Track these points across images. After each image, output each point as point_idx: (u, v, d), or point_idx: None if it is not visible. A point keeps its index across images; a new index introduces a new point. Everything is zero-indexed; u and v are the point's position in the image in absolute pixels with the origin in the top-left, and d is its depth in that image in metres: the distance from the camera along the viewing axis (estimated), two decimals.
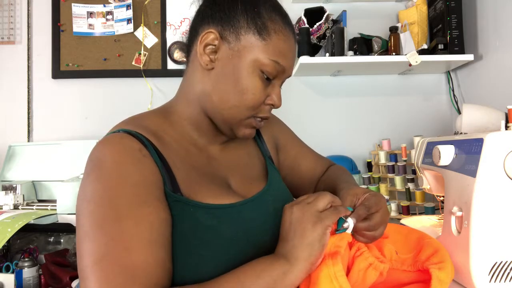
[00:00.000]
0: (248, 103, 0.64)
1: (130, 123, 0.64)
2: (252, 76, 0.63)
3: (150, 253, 0.52)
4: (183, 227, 0.57)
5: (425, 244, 0.64)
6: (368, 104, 1.76)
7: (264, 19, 0.63)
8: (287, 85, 1.79)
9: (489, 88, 1.45)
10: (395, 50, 1.54)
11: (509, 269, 0.71)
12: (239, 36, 0.63)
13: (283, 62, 0.64)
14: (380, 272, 0.58)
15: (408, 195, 1.45)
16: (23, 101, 1.76)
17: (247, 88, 0.63)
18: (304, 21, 1.59)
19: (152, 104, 1.72)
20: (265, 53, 0.63)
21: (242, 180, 0.71)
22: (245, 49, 0.63)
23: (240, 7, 0.64)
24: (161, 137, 0.65)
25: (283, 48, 0.64)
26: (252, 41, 0.63)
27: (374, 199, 0.61)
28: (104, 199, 0.53)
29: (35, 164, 1.57)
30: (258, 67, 0.63)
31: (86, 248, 0.51)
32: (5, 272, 1.32)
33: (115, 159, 0.56)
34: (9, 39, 1.77)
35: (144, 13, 1.75)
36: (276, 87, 0.67)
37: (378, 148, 1.66)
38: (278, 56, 0.63)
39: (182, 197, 0.59)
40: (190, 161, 0.66)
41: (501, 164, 0.71)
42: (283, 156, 0.86)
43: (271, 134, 0.85)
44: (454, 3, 1.47)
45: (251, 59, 0.63)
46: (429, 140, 0.99)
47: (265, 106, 0.67)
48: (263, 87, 0.64)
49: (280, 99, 0.67)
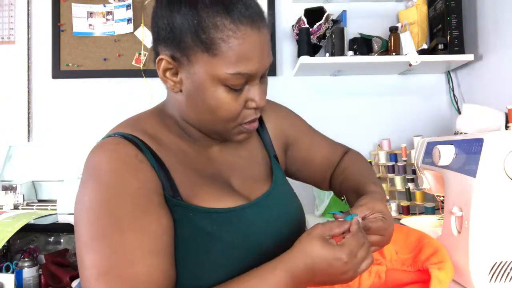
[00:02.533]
0: (224, 118, 0.60)
1: (127, 126, 0.63)
2: (218, 93, 0.58)
3: (154, 264, 0.52)
4: (183, 232, 0.57)
5: (425, 244, 0.64)
6: (368, 104, 1.76)
7: (208, 30, 0.55)
8: (287, 85, 1.81)
9: (489, 88, 1.45)
10: (395, 50, 1.54)
11: (509, 269, 0.71)
12: (189, 57, 0.58)
13: (246, 69, 0.57)
14: (378, 275, 0.58)
15: (408, 195, 1.45)
16: (23, 101, 1.76)
17: (217, 105, 0.59)
18: (304, 21, 1.59)
19: (152, 104, 1.71)
20: (221, 69, 0.56)
21: (244, 181, 0.69)
22: (200, 69, 0.57)
23: (180, 23, 0.57)
24: (159, 139, 0.63)
25: (241, 53, 0.56)
26: (203, 60, 0.57)
27: (382, 224, 0.58)
28: (103, 209, 0.53)
29: (35, 164, 1.57)
30: (220, 83, 0.58)
31: (88, 259, 0.51)
32: (5, 272, 1.32)
33: (111, 167, 0.55)
34: (9, 39, 1.77)
35: (144, 13, 1.75)
36: (252, 89, 0.61)
37: (378, 148, 1.66)
38: (237, 66, 0.56)
39: (182, 202, 0.58)
40: (189, 163, 0.64)
41: (501, 164, 0.71)
42: (296, 149, 0.82)
43: (280, 130, 0.81)
44: (454, 3, 1.47)
45: (209, 78, 0.57)
46: (429, 140, 0.99)
47: (248, 111, 0.62)
48: (234, 97, 0.59)
49: (262, 97, 0.61)
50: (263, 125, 0.80)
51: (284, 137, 0.81)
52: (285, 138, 0.81)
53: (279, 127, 0.81)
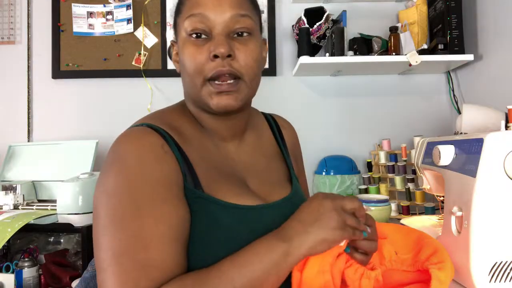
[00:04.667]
0: (191, 73, 0.63)
1: (154, 118, 0.65)
2: (185, 47, 0.64)
3: (168, 251, 0.53)
4: (202, 225, 0.58)
5: (425, 244, 0.64)
6: (368, 104, 1.76)
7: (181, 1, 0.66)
8: (287, 85, 1.81)
9: (489, 88, 1.45)
10: (395, 50, 1.54)
11: (509, 269, 0.71)
12: (176, 31, 0.68)
13: (197, 10, 0.63)
14: (376, 279, 0.58)
15: (408, 195, 1.45)
16: (23, 101, 1.76)
17: (186, 59, 0.64)
18: (304, 21, 1.59)
19: (152, 104, 1.72)
20: (183, 20, 0.64)
21: (260, 182, 0.69)
22: (179, 35, 0.66)
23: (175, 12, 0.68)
24: (182, 133, 0.65)
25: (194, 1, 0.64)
26: (178, 24, 0.66)
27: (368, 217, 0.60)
28: (125, 194, 0.54)
29: (35, 164, 1.57)
30: (186, 35, 0.64)
31: (105, 241, 0.52)
32: (5, 272, 1.32)
33: (138, 154, 0.57)
34: (9, 39, 1.77)
35: (144, 13, 1.75)
36: (214, 39, 0.62)
37: (378, 148, 1.66)
38: (191, 9, 0.63)
39: (204, 194, 0.60)
40: (209, 158, 0.66)
41: (501, 164, 0.71)
42: None
43: (293, 150, 0.83)
44: (454, 3, 1.47)
45: (182, 38, 0.65)
46: (429, 140, 0.99)
47: (212, 63, 0.62)
48: (197, 49, 0.63)
49: (222, 45, 0.61)
50: (282, 136, 0.81)
51: (295, 157, 0.83)
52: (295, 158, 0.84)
53: (293, 145, 0.84)
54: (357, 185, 1.58)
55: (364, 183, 1.56)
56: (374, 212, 1.19)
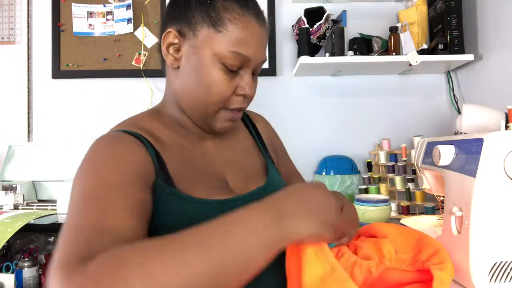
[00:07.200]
0: (214, 97, 0.64)
1: (127, 125, 0.66)
2: (214, 69, 0.63)
3: (128, 221, 0.50)
4: (176, 221, 0.58)
5: (425, 244, 0.64)
6: (368, 104, 1.76)
7: (218, 10, 0.62)
8: (287, 85, 1.81)
9: (489, 88, 1.45)
10: (395, 50, 1.54)
11: (509, 269, 0.71)
12: (195, 32, 0.63)
13: (244, 51, 0.62)
14: (369, 270, 0.59)
15: (408, 195, 1.45)
16: (23, 101, 1.76)
17: (211, 82, 0.63)
18: (304, 21, 1.59)
19: (152, 104, 1.72)
20: (222, 45, 0.62)
21: (239, 177, 0.71)
22: (203, 44, 0.63)
23: (194, 2, 0.64)
24: (156, 136, 0.66)
25: (242, 36, 0.62)
26: (208, 35, 0.62)
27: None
28: (94, 172, 0.55)
29: (35, 164, 1.57)
30: (218, 60, 0.62)
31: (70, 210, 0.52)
32: (5, 272, 1.32)
33: (111, 144, 0.59)
34: (9, 39, 1.77)
35: (144, 13, 1.75)
36: (245, 76, 0.65)
37: (378, 148, 1.66)
38: (238, 46, 0.62)
39: (176, 190, 0.60)
40: (184, 157, 0.67)
41: (501, 164, 0.71)
42: None
43: (270, 140, 0.85)
44: (454, 3, 1.47)
45: (209, 53, 0.62)
46: (429, 140, 0.99)
47: (236, 97, 0.66)
48: (227, 79, 0.63)
49: (252, 87, 0.66)
50: (257, 129, 0.84)
51: (274, 148, 0.85)
52: (274, 149, 0.85)
53: (269, 138, 0.85)
54: (357, 185, 1.58)
55: (364, 183, 1.56)
56: (374, 212, 1.19)
